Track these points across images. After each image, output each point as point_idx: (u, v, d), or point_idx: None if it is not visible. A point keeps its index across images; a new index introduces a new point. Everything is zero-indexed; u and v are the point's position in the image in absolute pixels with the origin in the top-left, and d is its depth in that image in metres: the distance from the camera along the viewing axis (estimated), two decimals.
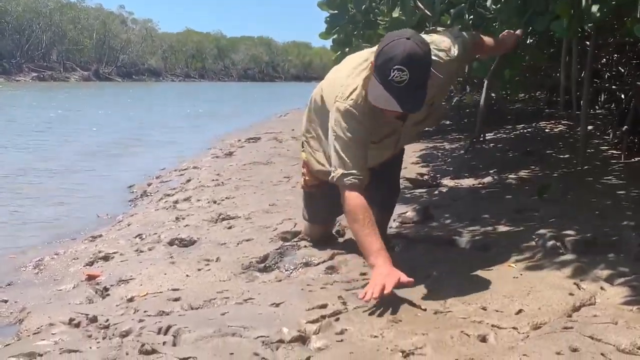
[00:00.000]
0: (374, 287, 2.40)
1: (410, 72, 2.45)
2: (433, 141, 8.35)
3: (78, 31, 78.01)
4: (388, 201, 3.41)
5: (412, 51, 2.45)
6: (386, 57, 2.49)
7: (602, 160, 5.41)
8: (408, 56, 2.45)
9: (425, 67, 2.53)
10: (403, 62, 2.44)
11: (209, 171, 7.57)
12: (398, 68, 2.45)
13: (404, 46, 2.45)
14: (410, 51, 2.45)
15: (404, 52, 2.45)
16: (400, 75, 2.45)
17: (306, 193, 3.43)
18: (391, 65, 2.46)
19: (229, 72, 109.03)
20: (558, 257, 2.89)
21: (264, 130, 13.29)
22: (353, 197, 2.66)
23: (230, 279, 3.09)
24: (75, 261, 3.93)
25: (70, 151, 10.73)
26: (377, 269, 2.51)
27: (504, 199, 4.38)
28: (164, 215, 5.02)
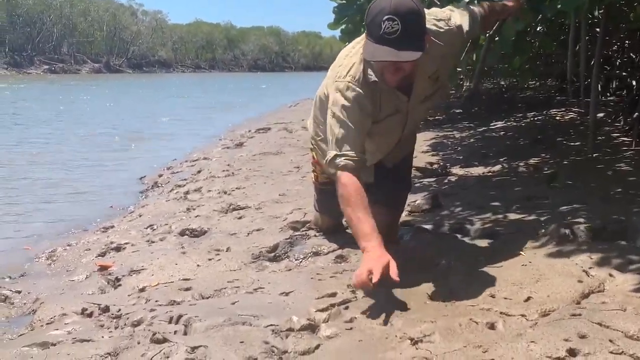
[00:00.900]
0: (361, 276, 2.29)
1: (401, 21, 2.35)
2: (443, 130, 8.33)
3: (88, 23, 78.34)
4: (397, 197, 3.29)
5: (400, 1, 2.37)
6: (375, 12, 2.41)
7: (612, 147, 5.38)
8: (396, 5, 2.36)
9: (417, 16, 2.42)
10: (392, 11, 2.35)
11: (219, 162, 7.61)
12: (388, 18, 2.35)
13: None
14: (398, 1, 2.37)
15: (392, 2, 2.36)
16: (391, 25, 2.35)
17: (318, 188, 3.38)
18: (381, 18, 2.37)
19: (238, 62, 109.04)
20: (567, 245, 2.88)
21: (274, 120, 13.30)
22: (346, 178, 2.54)
23: (240, 269, 3.11)
24: (88, 252, 3.97)
25: (81, 143, 10.81)
26: (367, 253, 2.39)
27: (514, 187, 4.37)
28: (175, 206, 5.06)
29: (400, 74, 2.55)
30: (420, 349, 2.01)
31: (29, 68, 63.99)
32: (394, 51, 2.39)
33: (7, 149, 9.83)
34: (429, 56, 2.56)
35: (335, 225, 3.44)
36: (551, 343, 1.92)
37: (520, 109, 9.16)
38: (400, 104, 2.75)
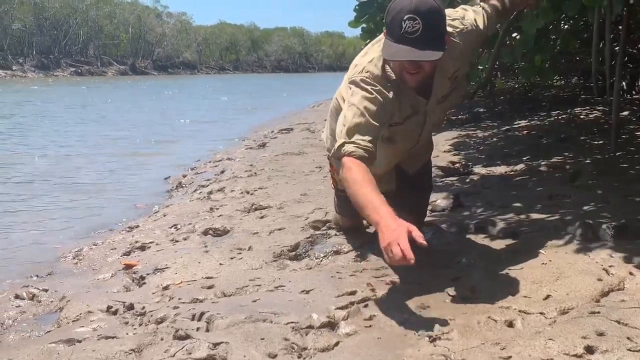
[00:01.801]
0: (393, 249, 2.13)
1: (422, 21, 2.33)
2: (466, 129, 8.31)
3: (114, 26, 79.23)
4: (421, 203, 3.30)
5: (420, 0, 2.36)
6: (395, 11, 2.39)
7: (636, 145, 5.33)
8: (417, 4, 2.35)
9: (438, 15, 2.41)
10: (413, 10, 2.33)
11: (242, 162, 7.66)
12: (409, 17, 2.34)
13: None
14: (419, 0, 2.36)
15: (412, 1, 2.35)
16: (412, 25, 2.33)
17: (338, 194, 3.28)
18: (402, 17, 2.35)
19: (262, 63, 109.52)
20: (588, 243, 2.87)
21: (297, 120, 13.36)
22: (351, 162, 2.44)
23: (262, 267, 3.14)
24: (113, 251, 4.04)
25: (107, 144, 10.94)
26: (383, 226, 2.21)
27: (536, 186, 4.35)
28: (199, 206, 5.12)
29: (421, 74, 2.54)
30: (438, 346, 2.03)
31: (56, 70, 64.93)
32: (415, 50, 2.37)
33: (33, 151, 9.99)
34: (447, 57, 2.56)
35: (356, 225, 3.44)
36: (569, 340, 1.93)
37: (544, 107, 9.10)
38: (419, 105, 2.72)
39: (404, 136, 2.83)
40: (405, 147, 2.94)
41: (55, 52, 68.85)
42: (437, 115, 2.94)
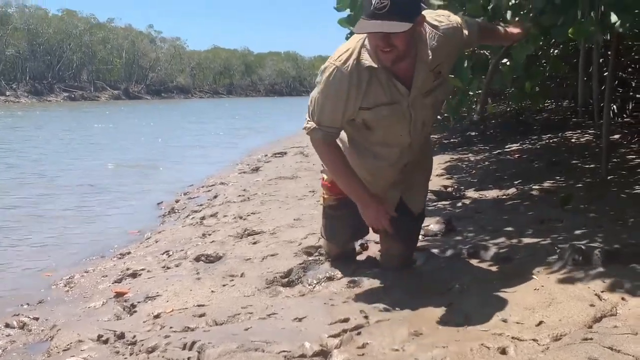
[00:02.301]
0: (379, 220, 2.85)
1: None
2: (458, 153, 8.34)
3: (108, 51, 79.45)
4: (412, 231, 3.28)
5: None
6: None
7: (628, 169, 5.36)
8: None
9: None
10: None
11: (235, 187, 7.66)
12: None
13: None
14: None
15: None
16: (381, 1, 2.46)
17: (325, 212, 3.37)
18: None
19: (256, 87, 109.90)
20: (580, 268, 2.87)
21: (291, 144, 13.39)
22: (325, 147, 2.85)
23: (254, 294, 3.13)
24: (104, 278, 4.02)
25: (100, 169, 10.93)
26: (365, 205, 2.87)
27: (528, 210, 4.36)
28: (191, 232, 5.10)
29: (394, 52, 2.60)
30: None
31: (49, 96, 64.89)
32: (382, 23, 2.49)
33: (23, 177, 9.93)
34: (428, 47, 2.70)
35: (343, 252, 3.44)
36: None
37: (535, 131, 9.14)
38: (399, 95, 2.75)
39: (385, 129, 2.86)
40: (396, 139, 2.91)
41: (49, 78, 68.90)
42: (425, 111, 2.89)
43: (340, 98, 2.71)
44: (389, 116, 2.78)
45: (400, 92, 2.74)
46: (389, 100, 2.75)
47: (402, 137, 2.89)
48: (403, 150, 2.94)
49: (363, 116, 2.78)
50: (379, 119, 2.79)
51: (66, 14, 76.22)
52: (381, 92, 2.72)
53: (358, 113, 2.77)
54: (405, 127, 2.85)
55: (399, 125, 2.84)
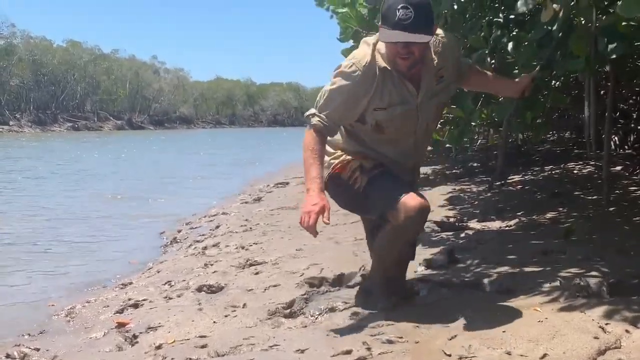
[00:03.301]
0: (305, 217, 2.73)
1: (414, 10, 2.63)
2: (460, 183, 8.35)
3: (112, 81, 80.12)
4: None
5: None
6: (391, 1, 2.69)
7: (630, 200, 5.36)
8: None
9: (427, 6, 2.72)
10: (406, 1, 2.64)
11: (237, 217, 7.66)
12: (403, 7, 2.64)
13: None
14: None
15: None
16: (405, 13, 2.63)
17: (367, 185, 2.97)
18: (396, 6, 2.65)
19: (258, 117, 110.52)
20: (584, 300, 2.86)
21: (293, 174, 13.41)
22: (312, 135, 2.89)
23: (256, 325, 3.11)
24: (106, 309, 4.00)
25: (100, 200, 10.94)
26: (308, 197, 2.79)
27: (531, 241, 4.35)
28: (193, 262, 5.10)
29: (411, 59, 2.77)
30: None
31: (53, 126, 65.30)
32: (407, 34, 2.66)
33: (25, 208, 9.95)
34: (432, 51, 2.89)
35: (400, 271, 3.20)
36: None
37: (538, 162, 9.16)
38: (409, 96, 2.89)
39: (395, 129, 2.95)
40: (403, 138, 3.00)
41: (53, 108, 69.36)
42: (429, 113, 3.00)
43: (353, 94, 2.83)
44: (401, 116, 2.90)
45: (411, 93, 2.89)
46: (401, 101, 2.89)
47: (409, 137, 3.02)
48: (408, 151, 3.05)
49: (377, 117, 2.88)
50: (392, 119, 2.90)
51: (71, 45, 77.10)
52: (394, 92, 2.86)
53: (372, 114, 2.88)
54: (412, 127, 2.98)
55: (408, 125, 2.97)
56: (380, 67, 2.81)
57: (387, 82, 2.83)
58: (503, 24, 3.91)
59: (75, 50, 76.24)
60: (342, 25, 4.86)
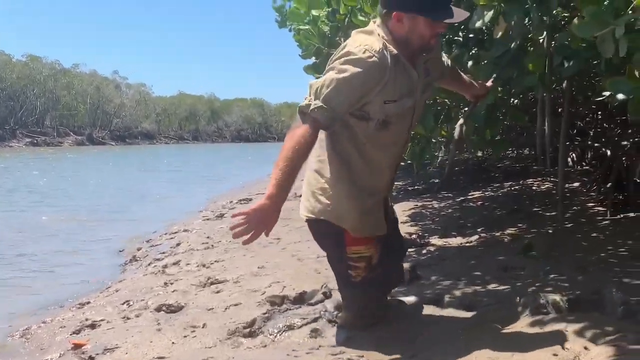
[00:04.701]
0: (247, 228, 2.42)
1: None
2: (422, 200, 8.40)
3: (72, 97, 78.89)
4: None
5: None
6: None
7: (588, 217, 5.46)
8: None
9: None
10: None
11: (199, 234, 7.58)
12: None
13: None
14: None
15: None
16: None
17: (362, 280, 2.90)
18: None
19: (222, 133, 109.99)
20: (543, 317, 2.88)
21: (256, 190, 13.35)
22: (309, 132, 2.50)
23: (215, 345, 3.07)
24: (62, 329, 3.91)
25: (60, 216, 10.72)
26: (265, 205, 2.41)
27: (491, 257, 4.40)
28: (153, 281, 5.01)
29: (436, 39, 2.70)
30: None
31: (11, 141, 63.94)
32: (461, 11, 2.60)
33: None
34: None
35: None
36: None
37: (498, 178, 9.29)
38: (413, 84, 2.70)
39: (397, 123, 2.71)
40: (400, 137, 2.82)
41: (11, 123, 68.02)
42: (420, 109, 2.88)
43: (366, 83, 2.53)
44: (407, 109, 2.71)
45: (414, 81, 2.70)
46: (408, 92, 2.68)
47: (404, 134, 2.84)
48: (400, 150, 2.89)
49: (387, 111, 2.63)
50: (400, 113, 2.68)
51: (30, 60, 75.84)
52: (404, 82, 2.64)
53: (382, 108, 2.61)
54: (408, 123, 2.80)
55: (407, 120, 2.78)
56: (393, 53, 2.57)
57: (398, 70, 2.60)
58: (462, 43, 3.97)
59: (34, 65, 74.99)
60: (304, 43, 4.89)
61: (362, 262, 2.85)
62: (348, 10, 4.24)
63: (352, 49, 2.54)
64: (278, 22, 5.85)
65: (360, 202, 2.73)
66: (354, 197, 2.73)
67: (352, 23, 4.18)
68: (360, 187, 2.74)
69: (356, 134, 2.69)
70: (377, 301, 3.05)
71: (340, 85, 2.50)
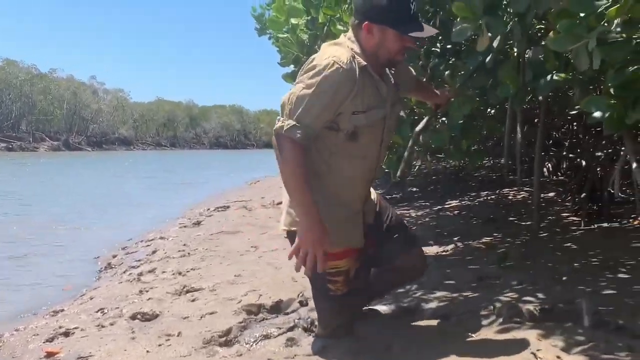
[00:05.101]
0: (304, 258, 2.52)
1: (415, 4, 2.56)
2: (399, 208, 8.43)
3: (48, 102, 78.26)
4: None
5: None
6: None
7: (562, 226, 5.52)
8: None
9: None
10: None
11: (175, 241, 7.53)
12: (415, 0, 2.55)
13: None
14: None
15: None
16: (416, 5, 2.56)
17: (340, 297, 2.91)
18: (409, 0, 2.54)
19: (200, 140, 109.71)
20: (516, 326, 2.92)
21: (234, 198, 13.31)
22: (300, 150, 2.54)
23: (190, 354, 3.05)
24: (36, 337, 3.85)
25: (34, 223, 10.59)
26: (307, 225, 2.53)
27: (467, 266, 4.42)
28: (128, 288, 4.97)
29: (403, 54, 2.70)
30: None
31: None
32: (427, 27, 2.60)
33: None
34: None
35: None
36: None
37: (474, 188, 9.36)
38: (383, 97, 2.71)
39: (366, 135, 2.70)
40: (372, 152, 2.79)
41: None
42: (393, 122, 2.86)
43: (336, 97, 2.54)
44: (377, 121, 2.70)
45: (383, 93, 2.70)
46: (378, 104, 2.68)
47: (375, 148, 2.80)
48: (372, 164, 2.83)
49: (356, 122, 2.62)
50: (370, 125, 2.67)
51: (6, 64, 75.11)
52: (372, 94, 2.65)
53: (350, 119, 2.60)
54: (379, 137, 2.78)
55: (377, 133, 2.76)
56: (361, 65, 2.57)
57: (366, 82, 2.61)
58: (440, 53, 4.02)
59: (11, 69, 74.29)
60: (283, 50, 4.90)
61: (340, 277, 2.84)
62: (327, 19, 4.27)
63: (319, 61, 2.55)
64: (257, 30, 5.87)
65: (331, 214, 2.70)
66: (324, 208, 2.68)
67: (330, 32, 4.20)
68: (331, 199, 2.72)
69: (326, 145, 2.69)
70: (353, 313, 3.06)
71: (311, 101, 2.51)
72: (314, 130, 2.56)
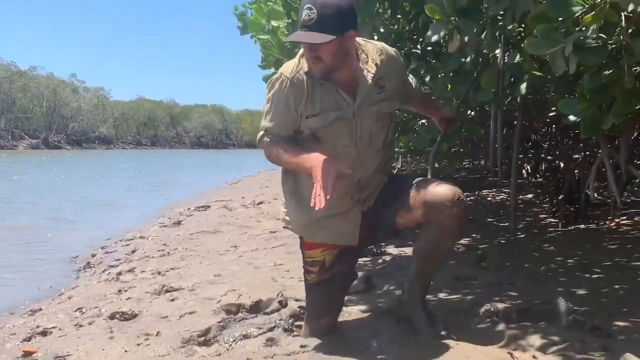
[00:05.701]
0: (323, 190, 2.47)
1: (317, 12, 2.56)
2: None
3: (28, 99, 77.58)
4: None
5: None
6: (302, 3, 2.64)
7: (540, 228, 5.58)
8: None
9: (334, 9, 2.59)
10: (311, 2, 2.58)
11: (155, 241, 7.50)
12: (307, 7, 2.58)
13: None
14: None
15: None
16: (308, 14, 2.57)
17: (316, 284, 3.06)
18: (303, 7, 2.61)
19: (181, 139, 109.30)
20: (493, 326, 2.95)
21: (215, 197, 13.28)
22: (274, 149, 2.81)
23: (169, 354, 3.04)
24: (12, 336, 3.81)
25: (13, 222, 10.50)
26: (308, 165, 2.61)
27: (445, 266, 4.43)
28: (107, 288, 4.94)
29: (321, 63, 2.67)
30: None
31: None
32: (307, 34, 2.60)
33: None
34: (370, 59, 2.81)
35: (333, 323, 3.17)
36: None
37: None
38: (344, 103, 2.77)
39: (332, 139, 2.79)
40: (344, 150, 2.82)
41: None
42: (370, 123, 2.85)
43: (286, 104, 2.77)
44: (336, 123, 2.76)
45: (345, 100, 2.77)
46: (334, 107, 2.76)
47: (349, 149, 2.83)
48: (354, 164, 2.80)
49: (311, 125, 2.76)
50: (327, 127, 2.75)
51: None
52: (325, 97, 2.76)
53: (305, 122, 2.77)
54: (352, 138, 2.81)
55: (346, 135, 2.80)
56: (305, 71, 2.74)
57: (316, 87, 2.75)
58: (420, 56, 4.04)
59: None
60: (264, 52, 4.90)
61: (315, 267, 3.01)
62: None
63: (273, 77, 2.85)
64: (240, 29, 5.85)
65: (307, 213, 2.80)
66: (301, 207, 2.89)
67: None
68: (306, 199, 2.69)
69: (305, 148, 2.79)
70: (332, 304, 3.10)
71: (272, 112, 2.82)
72: (281, 134, 2.83)
